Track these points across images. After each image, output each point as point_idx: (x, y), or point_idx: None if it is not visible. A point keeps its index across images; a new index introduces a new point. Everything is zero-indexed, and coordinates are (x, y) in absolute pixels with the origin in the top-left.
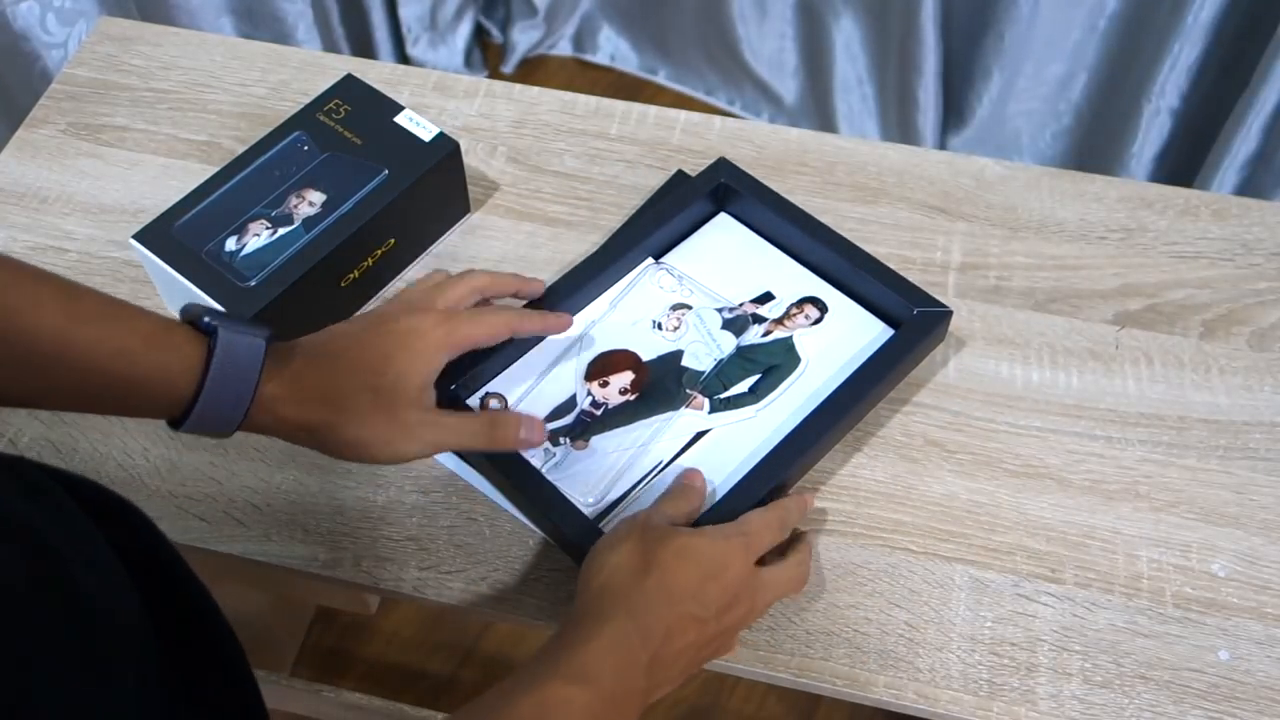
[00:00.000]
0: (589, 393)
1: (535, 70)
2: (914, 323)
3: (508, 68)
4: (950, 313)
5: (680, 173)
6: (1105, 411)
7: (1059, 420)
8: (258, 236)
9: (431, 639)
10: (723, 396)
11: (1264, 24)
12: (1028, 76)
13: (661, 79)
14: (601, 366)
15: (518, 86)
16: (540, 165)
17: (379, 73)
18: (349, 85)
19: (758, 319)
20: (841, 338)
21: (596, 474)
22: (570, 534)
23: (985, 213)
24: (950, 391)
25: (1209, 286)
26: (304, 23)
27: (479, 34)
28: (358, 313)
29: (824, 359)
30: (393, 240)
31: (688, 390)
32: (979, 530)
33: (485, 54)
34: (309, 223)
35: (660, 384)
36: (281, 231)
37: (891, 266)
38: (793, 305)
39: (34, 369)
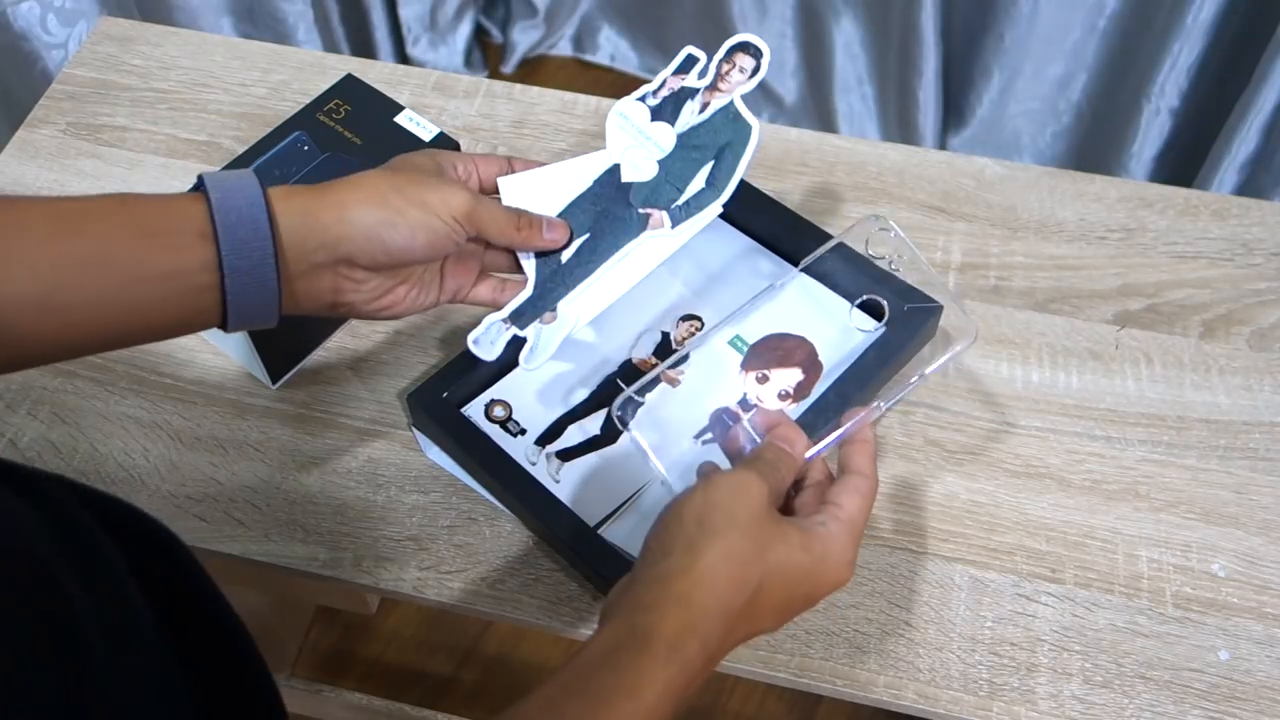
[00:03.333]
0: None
1: (535, 70)
2: (904, 319)
3: (508, 68)
4: (940, 308)
5: None
6: (1105, 411)
7: (1059, 420)
8: None
9: (431, 639)
10: (681, 202)
11: (1264, 24)
12: (1027, 76)
13: None
14: (764, 354)
15: (518, 86)
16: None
17: (379, 73)
18: (349, 85)
19: (688, 93)
20: (833, 336)
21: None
22: (565, 537)
23: (985, 213)
24: (950, 391)
25: (1209, 286)
26: (304, 23)
27: (479, 34)
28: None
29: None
30: None
31: (640, 210)
32: (979, 530)
33: (485, 54)
34: None
35: (609, 213)
36: None
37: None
38: (722, 61)
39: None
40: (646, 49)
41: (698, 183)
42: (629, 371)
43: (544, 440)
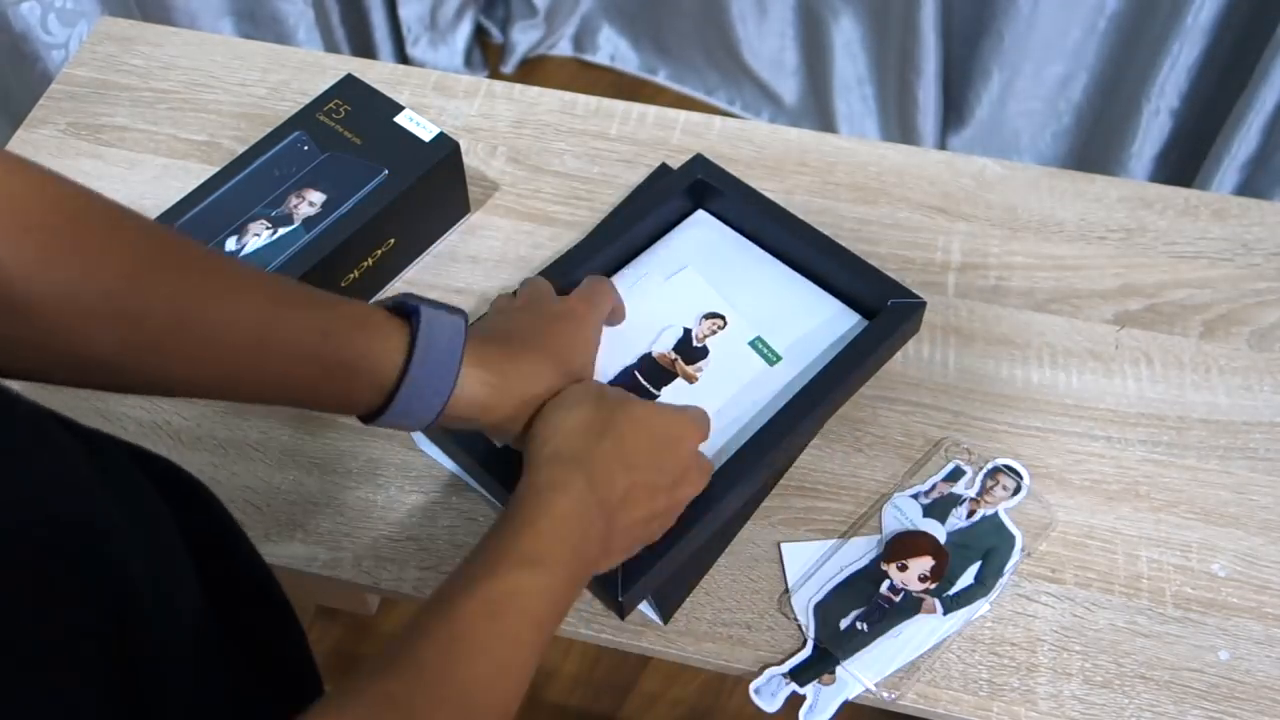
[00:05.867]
0: (887, 576)
1: (535, 70)
2: (888, 314)
3: (508, 68)
4: (924, 304)
5: (664, 165)
6: (1105, 411)
7: (1059, 420)
8: (258, 236)
9: None
10: (952, 594)
11: (1264, 24)
12: (1027, 77)
13: (661, 79)
14: (900, 549)
15: (518, 86)
16: (540, 165)
17: (379, 73)
18: (349, 85)
19: (955, 499)
20: (817, 330)
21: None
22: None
23: (985, 213)
24: (950, 391)
25: (1209, 286)
26: (304, 24)
27: (479, 34)
28: None
29: (799, 351)
30: (393, 240)
31: (915, 595)
32: None
33: (485, 54)
34: (309, 223)
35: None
36: (281, 231)
37: (891, 267)
38: (986, 478)
39: (237, 353)
40: (646, 49)
41: (966, 578)
42: (648, 365)
43: None
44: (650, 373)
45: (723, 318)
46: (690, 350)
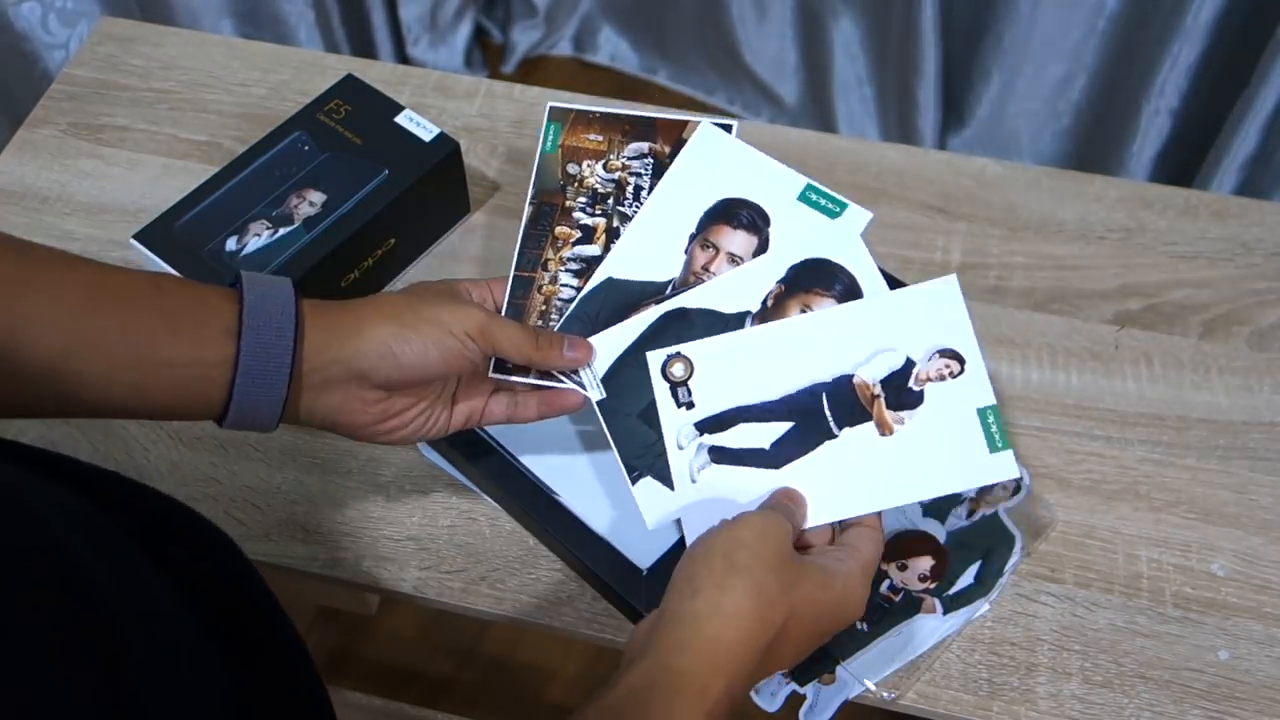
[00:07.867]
0: (887, 575)
1: (535, 70)
2: None
3: (508, 68)
4: None
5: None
6: (1105, 411)
7: (1059, 420)
8: (258, 236)
9: (431, 639)
10: (952, 594)
11: (1264, 24)
12: (1027, 77)
13: (661, 79)
14: (900, 548)
15: (518, 86)
16: None
17: (379, 73)
18: (349, 85)
19: (955, 499)
20: None
21: None
22: (608, 577)
23: (985, 213)
24: None
25: (1208, 286)
26: (305, 24)
27: (479, 34)
28: None
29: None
30: (393, 240)
31: (915, 594)
32: None
33: (485, 54)
34: (309, 223)
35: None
36: (282, 231)
37: (891, 266)
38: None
39: (76, 313)
40: (646, 49)
41: (966, 578)
42: (842, 393)
43: (709, 427)
44: (840, 405)
45: (962, 362)
46: (903, 391)
